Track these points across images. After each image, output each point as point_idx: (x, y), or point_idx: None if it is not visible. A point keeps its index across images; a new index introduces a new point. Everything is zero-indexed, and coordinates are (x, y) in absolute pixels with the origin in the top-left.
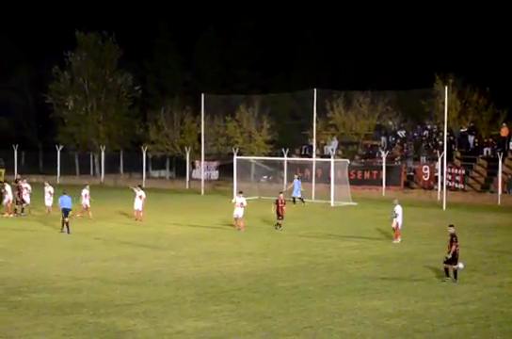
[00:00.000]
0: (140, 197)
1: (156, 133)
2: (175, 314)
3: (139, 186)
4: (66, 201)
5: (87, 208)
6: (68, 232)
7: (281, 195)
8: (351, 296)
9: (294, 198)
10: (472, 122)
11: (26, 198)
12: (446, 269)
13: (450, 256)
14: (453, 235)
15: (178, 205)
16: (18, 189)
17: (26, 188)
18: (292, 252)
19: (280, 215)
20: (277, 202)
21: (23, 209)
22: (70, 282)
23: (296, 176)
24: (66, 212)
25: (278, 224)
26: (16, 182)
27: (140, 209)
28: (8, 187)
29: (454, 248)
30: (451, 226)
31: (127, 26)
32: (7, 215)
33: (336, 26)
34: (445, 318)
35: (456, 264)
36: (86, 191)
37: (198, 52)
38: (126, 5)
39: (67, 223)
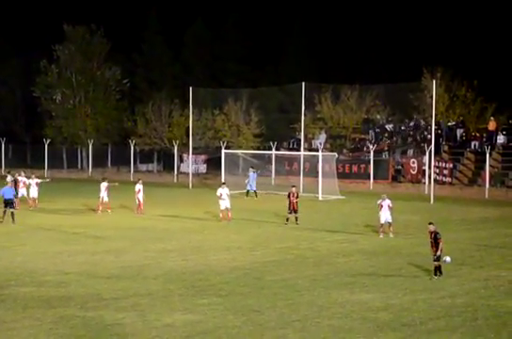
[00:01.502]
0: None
1: (144, 126)
2: (163, 307)
3: (139, 180)
4: (7, 191)
5: (102, 202)
6: (13, 222)
7: (294, 189)
8: (339, 289)
9: (248, 191)
10: (460, 116)
11: (23, 191)
12: (437, 267)
13: (439, 253)
14: (436, 233)
15: (166, 199)
16: (15, 183)
17: (24, 183)
18: (280, 246)
19: (291, 209)
20: (289, 196)
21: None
22: (57, 275)
23: (251, 169)
24: (8, 203)
25: (287, 219)
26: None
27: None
28: (8, 179)
29: (441, 244)
30: (431, 224)
31: (116, 19)
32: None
33: (324, 20)
34: (433, 312)
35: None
36: (105, 184)
37: (186, 45)
38: None
39: (12, 213)
